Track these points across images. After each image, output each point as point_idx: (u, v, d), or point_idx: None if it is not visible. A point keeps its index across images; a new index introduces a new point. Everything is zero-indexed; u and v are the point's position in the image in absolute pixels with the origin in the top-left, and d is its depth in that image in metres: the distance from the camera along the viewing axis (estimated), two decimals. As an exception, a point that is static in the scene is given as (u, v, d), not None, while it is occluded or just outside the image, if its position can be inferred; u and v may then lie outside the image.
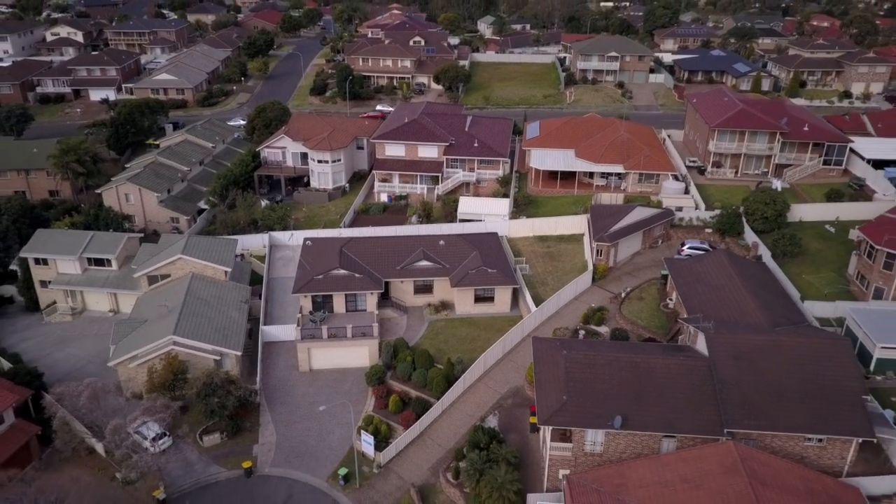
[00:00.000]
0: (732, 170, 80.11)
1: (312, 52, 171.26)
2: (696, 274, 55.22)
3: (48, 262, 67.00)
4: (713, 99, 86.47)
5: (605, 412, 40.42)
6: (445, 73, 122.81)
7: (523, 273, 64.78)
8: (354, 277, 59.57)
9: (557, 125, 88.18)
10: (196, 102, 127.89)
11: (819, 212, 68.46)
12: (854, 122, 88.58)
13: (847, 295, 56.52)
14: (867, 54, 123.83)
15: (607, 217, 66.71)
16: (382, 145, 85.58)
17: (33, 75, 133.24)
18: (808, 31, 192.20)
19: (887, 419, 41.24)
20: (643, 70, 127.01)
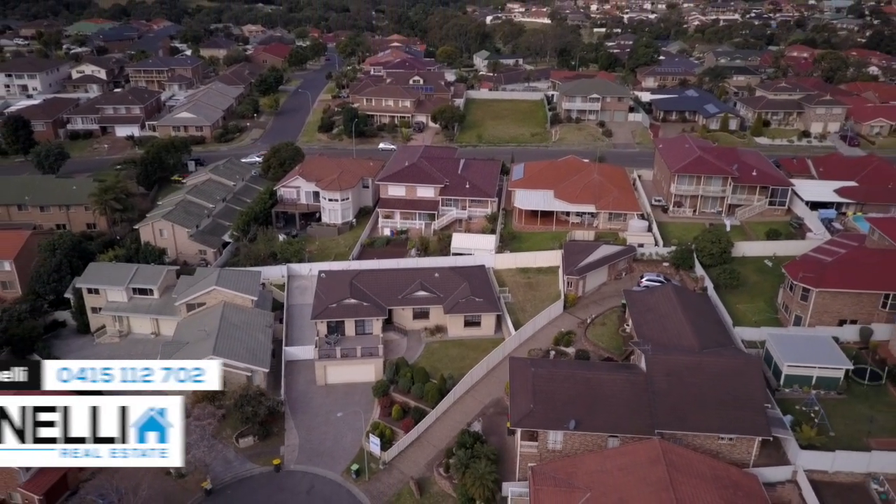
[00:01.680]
0: (692, 209, 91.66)
1: (319, 87, 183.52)
2: (647, 304, 66.49)
3: (99, 291, 78.21)
4: (676, 145, 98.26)
5: (563, 417, 51.42)
6: (442, 114, 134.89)
7: (506, 301, 75.93)
8: (362, 306, 70.77)
9: (540, 168, 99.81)
10: (213, 139, 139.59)
11: (759, 248, 79.85)
12: (800, 165, 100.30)
13: (774, 322, 67.73)
14: (824, 97, 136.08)
15: (578, 253, 78.13)
16: (386, 186, 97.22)
17: (63, 113, 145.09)
18: (782, 66, 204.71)
19: (785, 423, 52.31)
20: (623, 110, 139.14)
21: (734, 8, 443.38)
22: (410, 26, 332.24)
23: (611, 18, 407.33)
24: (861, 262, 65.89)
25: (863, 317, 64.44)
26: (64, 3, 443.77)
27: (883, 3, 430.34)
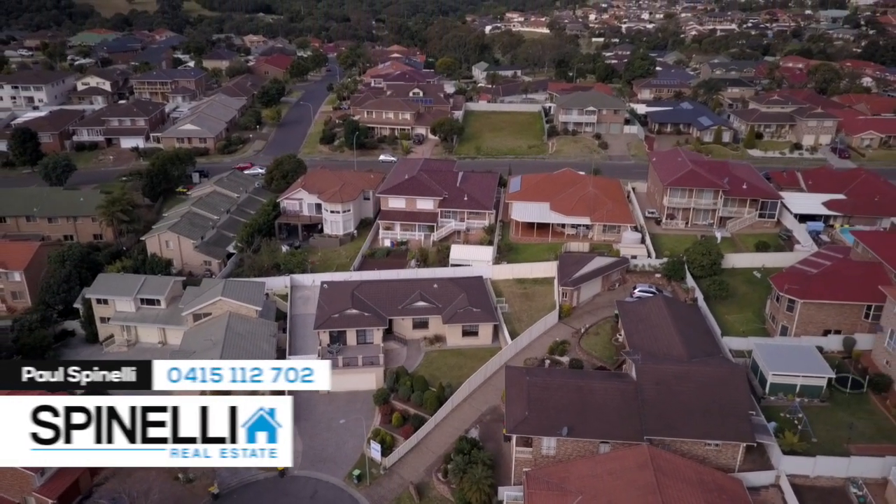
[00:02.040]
0: (684, 221, 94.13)
1: (320, 98, 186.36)
2: (638, 314, 68.86)
3: (108, 301, 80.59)
4: (669, 159, 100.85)
5: (556, 424, 53.69)
6: (441, 126, 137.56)
7: (503, 311, 78.25)
8: (364, 316, 73.09)
9: (536, 181, 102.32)
10: (217, 150, 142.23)
11: (749, 260, 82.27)
12: (790, 178, 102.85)
13: (762, 332, 70.10)
14: (816, 109, 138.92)
15: (572, 264, 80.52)
16: (386, 198, 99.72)
17: (69, 125, 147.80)
18: (777, 77, 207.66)
19: (769, 429, 54.60)
20: (618, 122, 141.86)
21: (731, 18, 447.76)
22: (410, 36, 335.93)
23: (609, 28, 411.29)
24: (845, 274, 68.30)
25: (846, 327, 66.79)
26: (67, 12, 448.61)
27: (879, 13, 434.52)
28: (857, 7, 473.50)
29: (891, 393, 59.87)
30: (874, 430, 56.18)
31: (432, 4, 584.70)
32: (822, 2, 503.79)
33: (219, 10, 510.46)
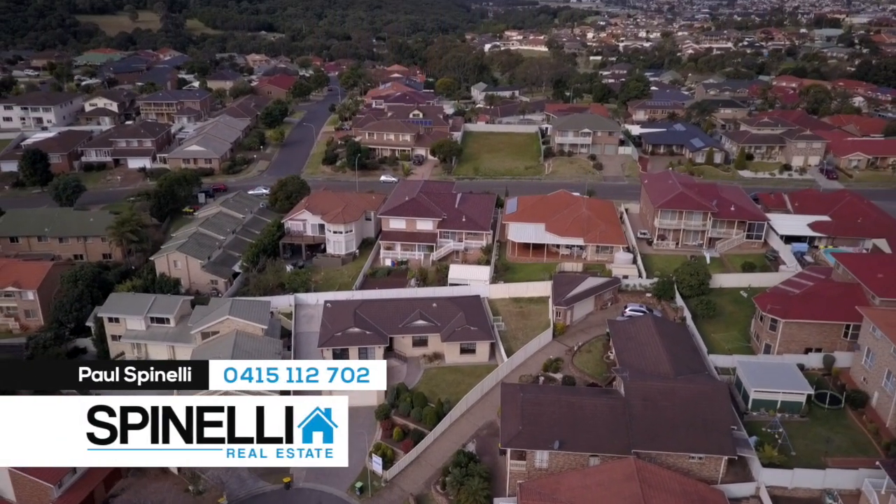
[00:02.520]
0: (674, 242, 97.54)
1: (322, 119, 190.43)
2: (628, 333, 72.03)
3: (119, 319, 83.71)
4: (660, 181, 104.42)
5: (549, 438, 56.73)
6: (441, 148, 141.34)
7: (499, 329, 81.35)
8: (366, 334, 76.30)
9: (532, 202, 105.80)
10: (222, 170, 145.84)
11: (736, 280, 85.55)
12: (777, 199, 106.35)
13: (747, 350, 73.25)
14: (805, 131, 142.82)
15: (566, 284, 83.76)
16: (387, 219, 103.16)
17: (78, 146, 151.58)
18: (769, 98, 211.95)
19: (750, 443, 57.62)
20: (613, 143, 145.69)
21: (727, 37, 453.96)
22: (410, 56, 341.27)
23: (606, 47, 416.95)
24: (825, 295, 71.57)
25: (826, 345, 69.95)
26: (72, 31, 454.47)
27: (872, 32, 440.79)
28: (851, 26, 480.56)
29: (867, 408, 62.92)
30: (850, 444, 59.19)
31: (432, 22, 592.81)
32: (817, 21, 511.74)
33: (221, 29, 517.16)
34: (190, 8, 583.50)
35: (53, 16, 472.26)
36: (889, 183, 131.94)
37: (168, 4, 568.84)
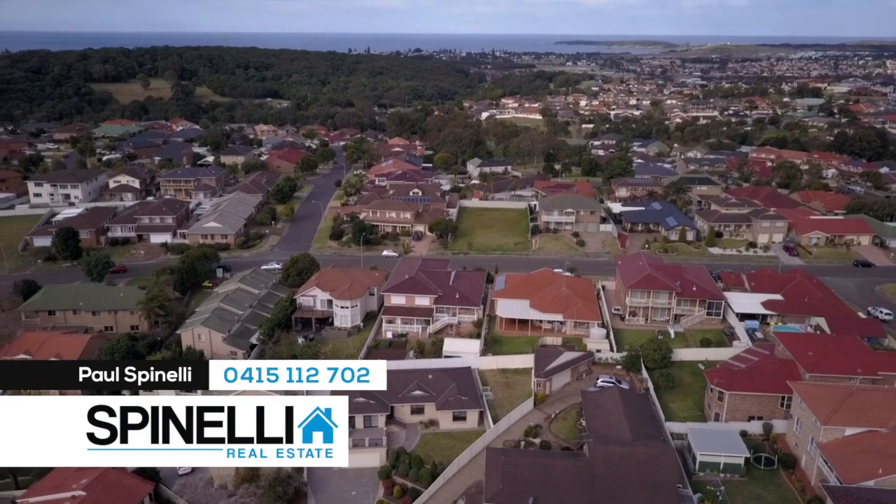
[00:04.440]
0: (644, 318, 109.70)
1: (328, 193, 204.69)
2: (597, 403, 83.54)
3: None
4: (632, 262, 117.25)
5: (525, 495, 67.67)
6: (438, 225, 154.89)
7: (487, 398, 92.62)
8: (370, 403, 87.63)
9: (518, 280, 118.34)
10: (237, 245, 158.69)
11: (695, 354, 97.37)
12: (736, 279, 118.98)
13: (700, 417, 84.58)
14: (768, 212, 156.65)
15: (546, 358, 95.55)
16: (389, 296, 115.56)
17: (104, 222, 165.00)
18: (745, 172, 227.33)
19: (693, 501, 68.62)
20: (595, 221, 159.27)
21: (713, 105, 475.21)
22: (411, 126, 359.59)
23: (598, 116, 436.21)
24: (765, 370, 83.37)
25: (766, 414, 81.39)
26: (87, 99, 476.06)
27: (851, 101, 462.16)
28: (831, 95, 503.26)
29: (797, 469, 74.05)
30: (779, 500, 70.19)
31: (432, 89, 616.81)
32: (800, 90, 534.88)
33: (229, 96, 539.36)
34: (199, 76, 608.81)
35: (70, 84, 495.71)
36: (844, 259, 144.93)
37: (178, 73, 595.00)
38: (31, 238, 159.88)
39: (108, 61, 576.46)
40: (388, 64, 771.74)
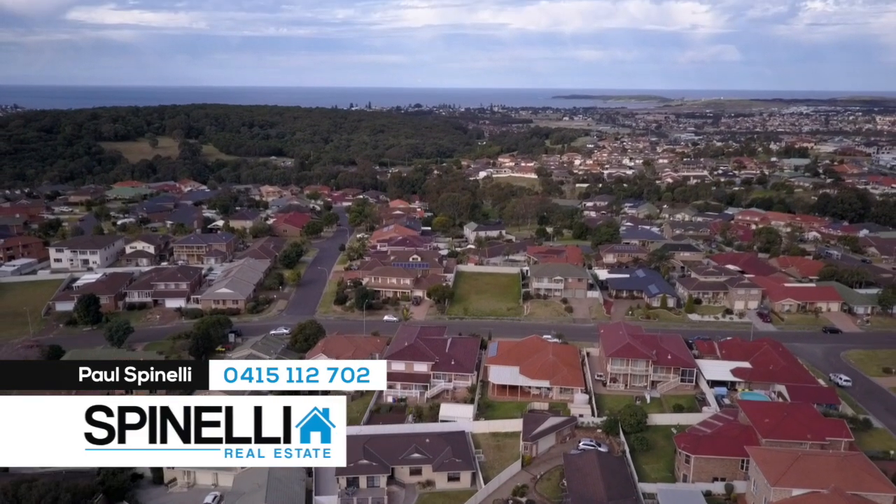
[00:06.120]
0: (624, 384, 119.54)
1: (333, 257, 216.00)
2: (577, 465, 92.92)
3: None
4: (612, 332, 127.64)
5: (510, 550, 76.92)
6: (435, 291, 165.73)
7: (479, 460, 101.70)
8: (372, 465, 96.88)
9: (509, 347, 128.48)
10: (246, 310, 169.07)
11: (668, 419, 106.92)
12: (709, 347, 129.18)
13: (670, 478, 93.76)
14: (743, 280, 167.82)
15: (533, 422, 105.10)
16: (390, 362, 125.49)
17: (122, 288, 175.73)
18: (728, 237, 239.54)
19: (661, 554, 77.78)
20: (582, 288, 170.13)
21: (703, 165, 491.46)
22: (410, 186, 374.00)
23: (592, 175, 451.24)
24: (728, 435, 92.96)
25: (728, 475, 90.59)
26: (97, 159, 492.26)
27: (836, 162, 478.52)
28: (817, 155, 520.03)
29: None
30: (735, 554, 79.17)
31: (431, 147, 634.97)
32: (787, 150, 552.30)
33: (235, 154, 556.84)
34: (205, 134, 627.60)
35: (81, 144, 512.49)
36: (814, 326, 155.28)
37: (185, 131, 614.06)
38: (53, 303, 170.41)
39: (118, 120, 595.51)
40: (388, 122, 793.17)
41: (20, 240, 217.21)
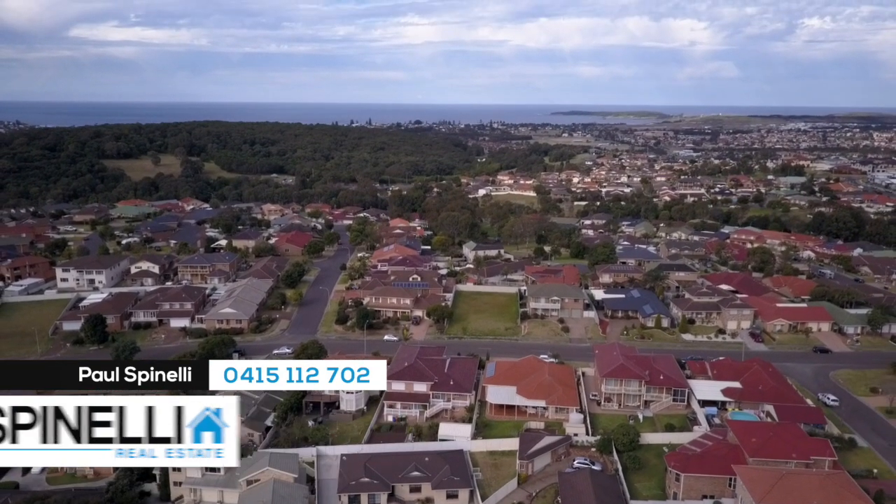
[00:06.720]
0: (618, 404, 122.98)
1: (334, 277, 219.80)
2: (571, 483, 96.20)
3: (180, 469, 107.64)
4: (607, 352, 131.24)
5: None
6: (435, 311, 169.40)
7: (477, 478, 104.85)
8: (373, 483, 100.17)
9: (506, 367, 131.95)
10: (250, 330, 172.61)
11: (660, 438, 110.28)
12: (701, 367, 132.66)
13: (661, 496, 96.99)
14: (736, 300, 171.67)
15: (529, 441, 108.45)
16: (390, 382, 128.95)
17: (128, 307, 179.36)
18: (723, 256, 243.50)
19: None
20: (578, 308, 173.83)
21: (700, 183, 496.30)
22: (411, 204, 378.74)
23: (590, 194, 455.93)
24: (717, 454, 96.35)
25: (717, 493, 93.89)
26: (100, 176, 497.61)
27: (832, 180, 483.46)
28: (813, 173, 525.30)
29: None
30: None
31: (431, 164, 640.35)
32: (784, 168, 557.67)
33: (237, 172, 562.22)
34: (207, 152, 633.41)
35: (84, 162, 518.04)
36: (804, 346, 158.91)
37: (187, 149, 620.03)
38: (60, 322, 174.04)
39: (121, 138, 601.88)
40: (389, 139, 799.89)
41: (27, 260, 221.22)
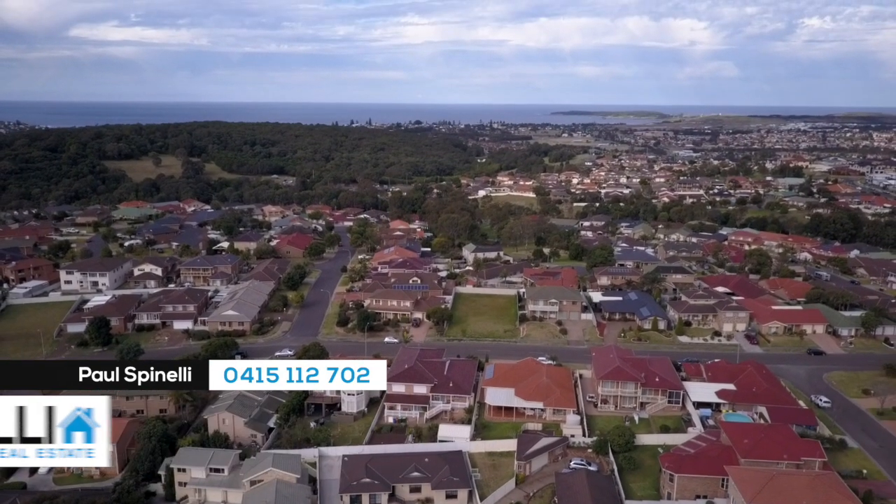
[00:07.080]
0: (614, 405, 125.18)
1: (335, 279, 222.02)
2: (568, 483, 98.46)
3: (185, 469, 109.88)
4: (604, 355, 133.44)
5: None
6: (434, 313, 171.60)
7: (476, 479, 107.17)
8: (374, 483, 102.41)
9: (505, 369, 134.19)
10: (252, 332, 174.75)
11: (655, 439, 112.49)
12: (696, 369, 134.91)
13: (655, 496, 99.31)
14: (732, 303, 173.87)
15: (527, 442, 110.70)
16: (391, 384, 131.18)
17: (131, 310, 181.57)
18: (720, 258, 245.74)
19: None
20: (576, 310, 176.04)
21: (699, 184, 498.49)
22: (411, 205, 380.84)
23: (589, 195, 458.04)
24: (710, 455, 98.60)
25: (710, 493, 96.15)
26: (101, 178, 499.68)
27: (830, 182, 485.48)
28: (812, 175, 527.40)
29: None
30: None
31: (431, 164, 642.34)
32: (782, 169, 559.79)
33: (237, 173, 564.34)
34: (208, 152, 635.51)
35: (85, 163, 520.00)
36: (799, 348, 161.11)
37: (188, 150, 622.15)
38: (64, 325, 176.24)
39: (122, 139, 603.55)
40: (389, 139, 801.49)
41: (31, 262, 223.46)
